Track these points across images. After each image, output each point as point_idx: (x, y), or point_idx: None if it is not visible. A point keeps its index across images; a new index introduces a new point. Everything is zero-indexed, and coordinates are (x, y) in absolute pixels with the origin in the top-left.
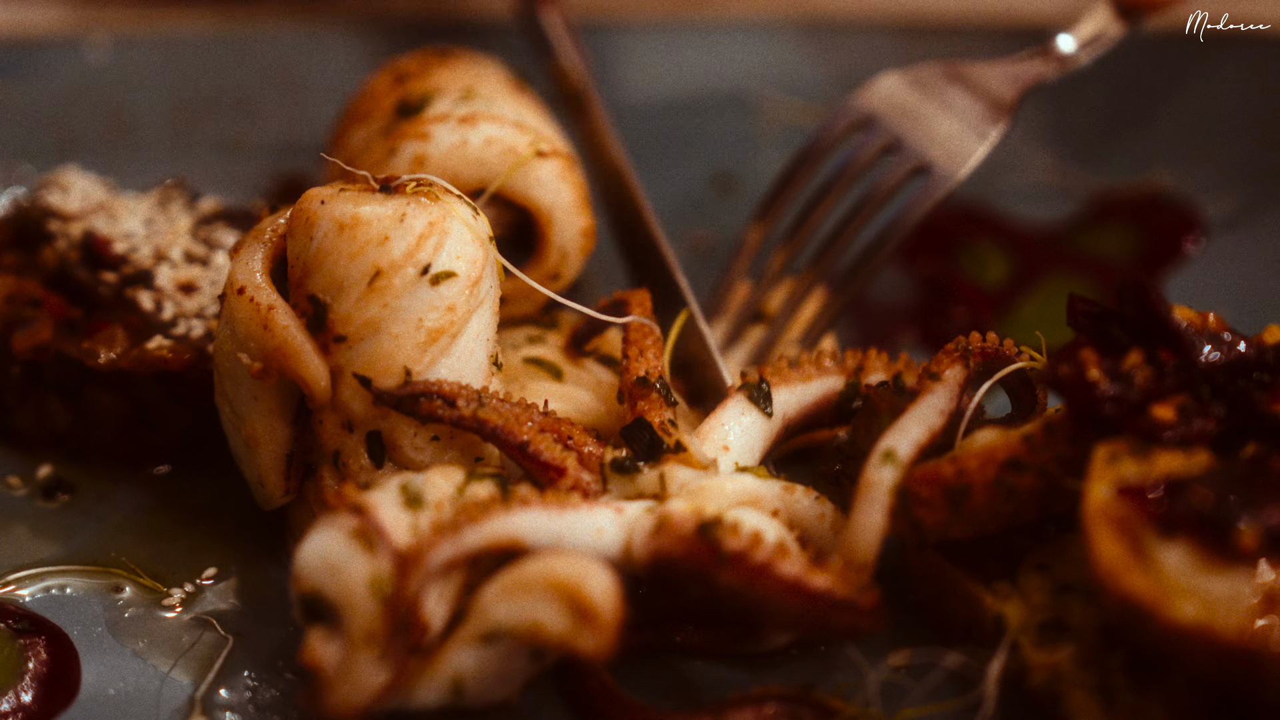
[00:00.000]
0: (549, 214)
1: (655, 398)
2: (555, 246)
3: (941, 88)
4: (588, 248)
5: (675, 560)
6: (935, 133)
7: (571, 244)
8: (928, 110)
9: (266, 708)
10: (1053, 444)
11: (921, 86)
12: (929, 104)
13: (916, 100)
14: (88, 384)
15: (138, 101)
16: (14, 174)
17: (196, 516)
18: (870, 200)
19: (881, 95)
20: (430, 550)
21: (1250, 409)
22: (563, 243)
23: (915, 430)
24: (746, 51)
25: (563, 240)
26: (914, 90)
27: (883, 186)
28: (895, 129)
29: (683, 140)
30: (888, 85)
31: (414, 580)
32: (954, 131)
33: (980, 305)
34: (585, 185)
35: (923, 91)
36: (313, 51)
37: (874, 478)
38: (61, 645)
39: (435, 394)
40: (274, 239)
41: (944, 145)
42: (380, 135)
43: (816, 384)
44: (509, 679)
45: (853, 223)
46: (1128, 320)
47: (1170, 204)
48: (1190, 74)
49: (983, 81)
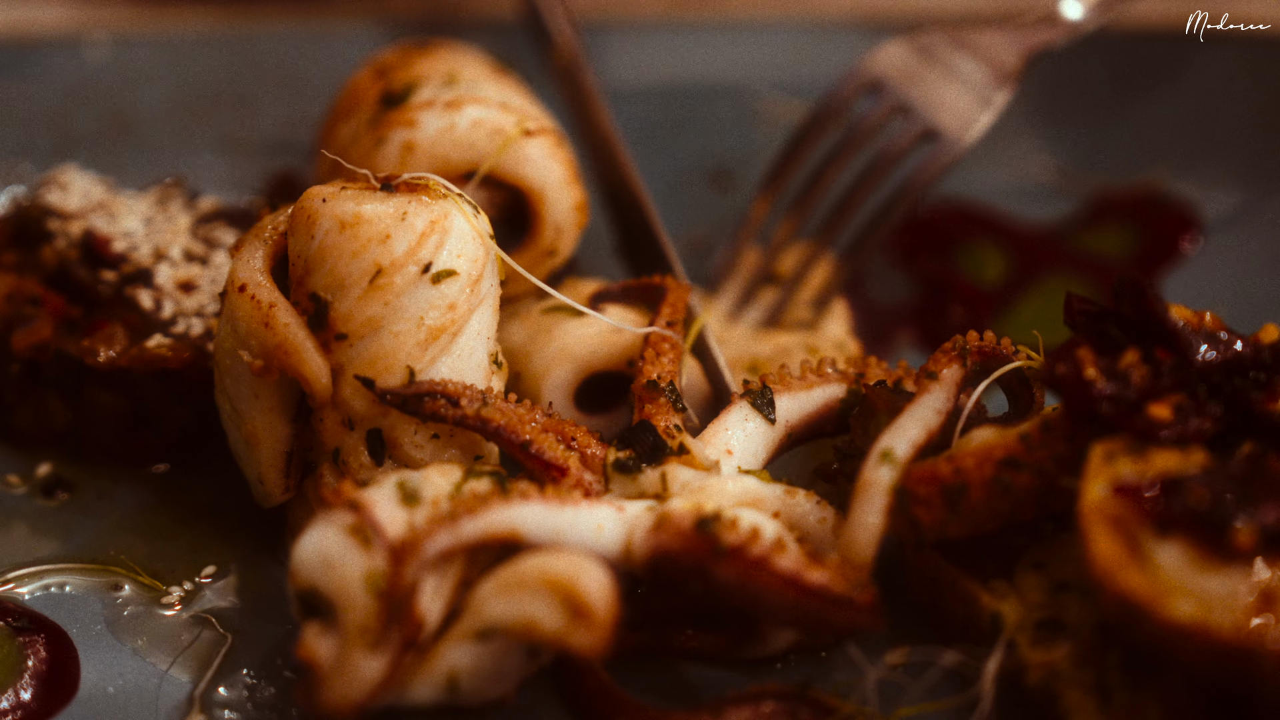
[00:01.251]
0: (540, 191)
1: (664, 403)
2: (549, 223)
3: (947, 53)
4: (581, 222)
5: (674, 555)
6: (943, 98)
7: (565, 219)
8: (933, 76)
9: (265, 705)
10: (1049, 443)
11: (926, 52)
12: (934, 70)
13: (922, 66)
14: (87, 382)
15: (137, 100)
16: (14, 172)
17: (196, 514)
18: (879, 164)
19: (888, 61)
20: (427, 538)
21: (1246, 408)
22: (556, 219)
23: (913, 430)
24: (745, 50)
25: (556, 216)
26: (919, 56)
27: (891, 150)
28: (902, 94)
29: (681, 138)
30: (893, 51)
31: (410, 566)
32: (961, 97)
33: (978, 304)
34: (575, 160)
35: (928, 57)
36: (312, 51)
37: (871, 477)
38: (61, 643)
39: (439, 394)
40: (275, 237)
41: (951, 111)
42: (367, 127)
43: (819, 391)
44: (504, 676)
45: (862, 187)
46: (1124, 319)
47: (1168, 203)
48: (1189, 73)
49: (988, 47)
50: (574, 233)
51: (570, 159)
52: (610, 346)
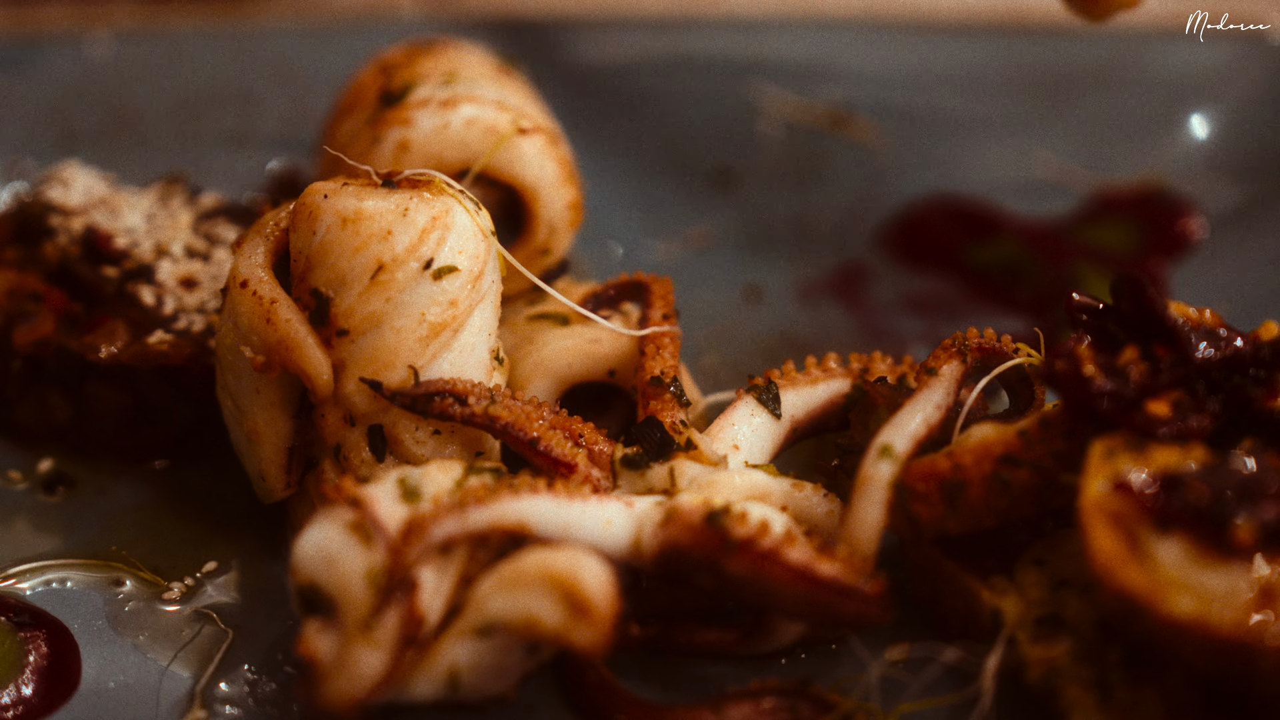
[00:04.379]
0: (534, 190)
1: (668, 398)
2: (543, 222)
3: None
4: (576, 221)
5: (684, 549)
6: None
7: (559, 219)
8: None
9: (266, 701)
10: (1048, 439)
11: None
12: None
13: None
14: (89, 378)
15: (139, 97)
16: (16, 169)
17: (197, 510)
18: None
19: None
20: (434, 523)
21: (1246, 405)
22: (550, 218)
23: (912, 425)
24: (747, 46)
25: (550, 215)
26: None
27: None
28: None
29: (681, 135)
30: None
31: (415, 548)
32: None
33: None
34: (569, 160)
35: None
36: (314, 47)
37: (871, 472)
38: (62, 638)
39: (448, 392)
40: (276, 233)
41: None
42: (366, 125)
43: (823, 387)
44: (505, 673)
45: None
46: (1124, 316)
47: (1170, 200)
48: (1188, 71)
49: None
50: (568, 232)
51: (565, 158)
52: (587, 359)
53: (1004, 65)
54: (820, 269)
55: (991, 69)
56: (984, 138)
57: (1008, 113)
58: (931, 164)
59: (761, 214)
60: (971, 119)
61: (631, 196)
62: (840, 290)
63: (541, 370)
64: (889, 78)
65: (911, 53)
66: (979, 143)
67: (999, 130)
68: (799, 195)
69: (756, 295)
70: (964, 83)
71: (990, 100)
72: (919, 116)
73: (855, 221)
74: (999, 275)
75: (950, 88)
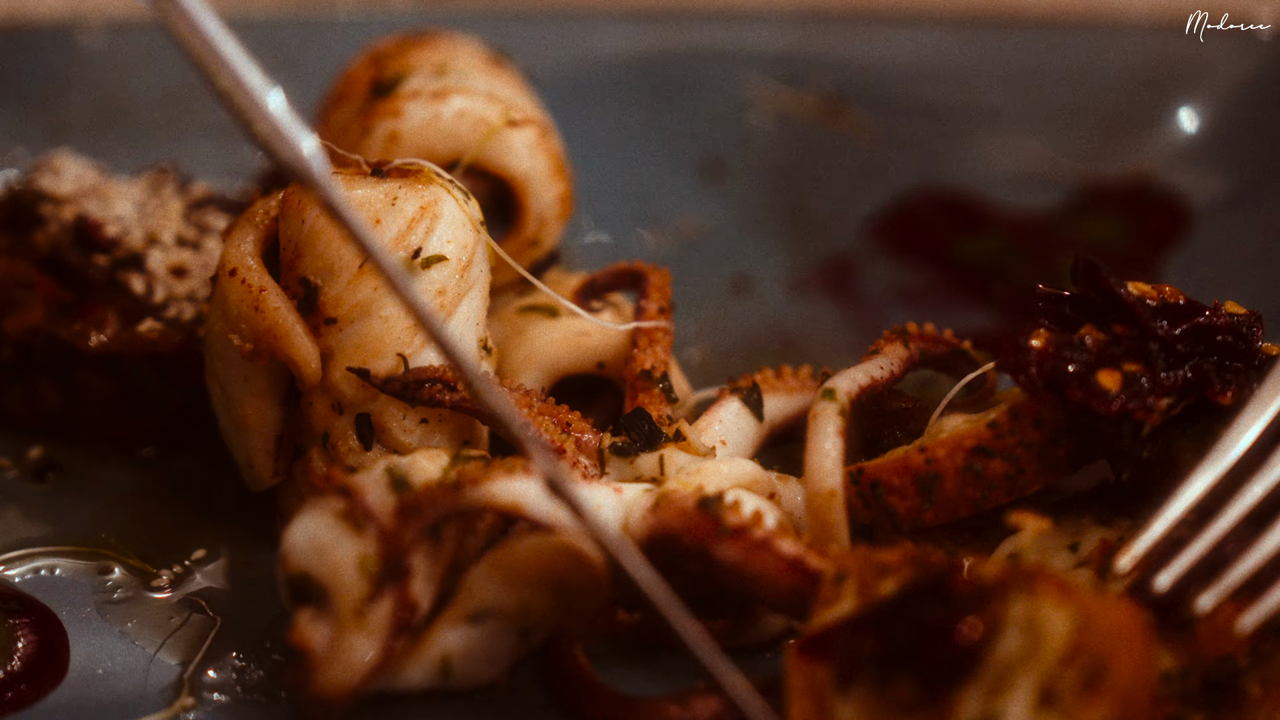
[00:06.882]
0: (524, 182)
1: (657, 393)
2: (533, 214)
3: None
4: (565, 214)
5: (675, 534)
6: None
7: (549, 211)
8: None
9: (254, 688)
10: (1018, 429)
11: None
12: None
13: None
14: (79, 366)
15: (130, 85)
16: (6, 157)
17: (186, 498)
18: None
19: None
20: (428, 503)
21: (1203, 382)
22: (540, 210)
23: (858, 375)
24: (737, 37)
25: (540, 208)
26: None
27: None
28: None
29: (671, 127)
30: None
31: (409, 532)
32: None
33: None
34: (559, 152)
35: None
36: (307, 37)
37: (818, 409)
38: (51, 625)
39: (437, 379)
40: (266, 222)
41: None
42: (356, 116)
43: (799, 397)
44: (497, 659)
45: None
46: (1083, 300)
47: (1159, 192)
48: (1176, 63)
49: None
50: (557, 224)
51: (555, 151)
52: (576, 350)
53: (994, 57)
54: (810, 261)
55: (981, 61)
56: (974, 130)
57: (998, 105)
58: (921, 156)
59: (751, 205)
60: (961, 111)
61: (622, 187)
62: (830, 282)
63: (531, 362)
64: (879, 70)
65: (902, 45)
66: (969, 135)
67: (988, 123)
68: (789, 187)
69: (746, 286)
70: (954, 75)
71: (980, 92)
72: (909, 108)
73: (845, 213)
74: (986, 268)
75: (940, 80)
